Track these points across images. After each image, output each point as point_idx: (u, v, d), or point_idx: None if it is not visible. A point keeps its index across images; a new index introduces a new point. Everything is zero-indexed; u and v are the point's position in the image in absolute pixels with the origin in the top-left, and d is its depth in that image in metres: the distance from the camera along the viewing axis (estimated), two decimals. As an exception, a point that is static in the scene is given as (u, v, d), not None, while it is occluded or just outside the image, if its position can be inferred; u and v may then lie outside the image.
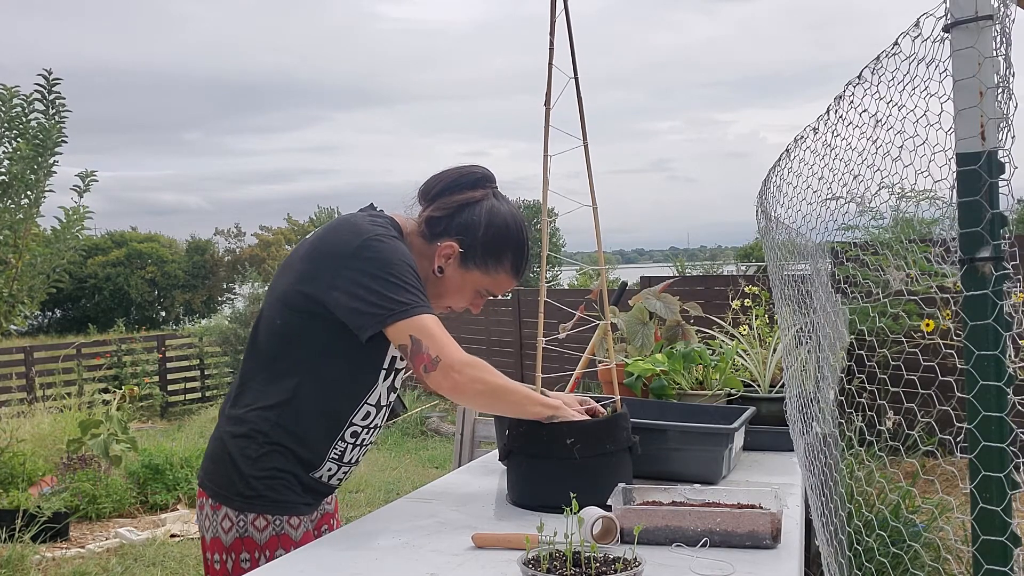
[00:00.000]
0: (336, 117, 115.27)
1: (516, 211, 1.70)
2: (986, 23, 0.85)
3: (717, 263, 20.02)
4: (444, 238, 1.64)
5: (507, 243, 1.65)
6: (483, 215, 1.64)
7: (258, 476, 1.60)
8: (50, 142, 4.87)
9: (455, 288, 1.68)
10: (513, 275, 1.69)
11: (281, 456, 1.59)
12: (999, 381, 0.84)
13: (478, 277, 1.66)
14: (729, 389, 2.32)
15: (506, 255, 1.66)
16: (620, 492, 1.50)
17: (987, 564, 0.85)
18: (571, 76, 1.61)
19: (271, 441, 1.59)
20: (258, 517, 1.59)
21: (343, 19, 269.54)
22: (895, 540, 2.56)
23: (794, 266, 2.00)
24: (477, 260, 1.65)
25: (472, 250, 1.64)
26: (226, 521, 1.61)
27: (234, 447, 1.62)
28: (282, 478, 1.60)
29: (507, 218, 1.66)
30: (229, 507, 1.61)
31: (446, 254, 1.64)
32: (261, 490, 1.59)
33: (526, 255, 1.69)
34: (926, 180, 0.97)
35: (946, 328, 3.24)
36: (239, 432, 1.62)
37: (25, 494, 4.99)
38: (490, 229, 1.64)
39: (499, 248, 1.65)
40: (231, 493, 1.60)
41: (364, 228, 1.56)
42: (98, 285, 24.53)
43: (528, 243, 1.69)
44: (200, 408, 10.52)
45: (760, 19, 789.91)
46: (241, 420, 1.63)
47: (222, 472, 1.63)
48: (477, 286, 1.68)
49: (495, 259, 1.66)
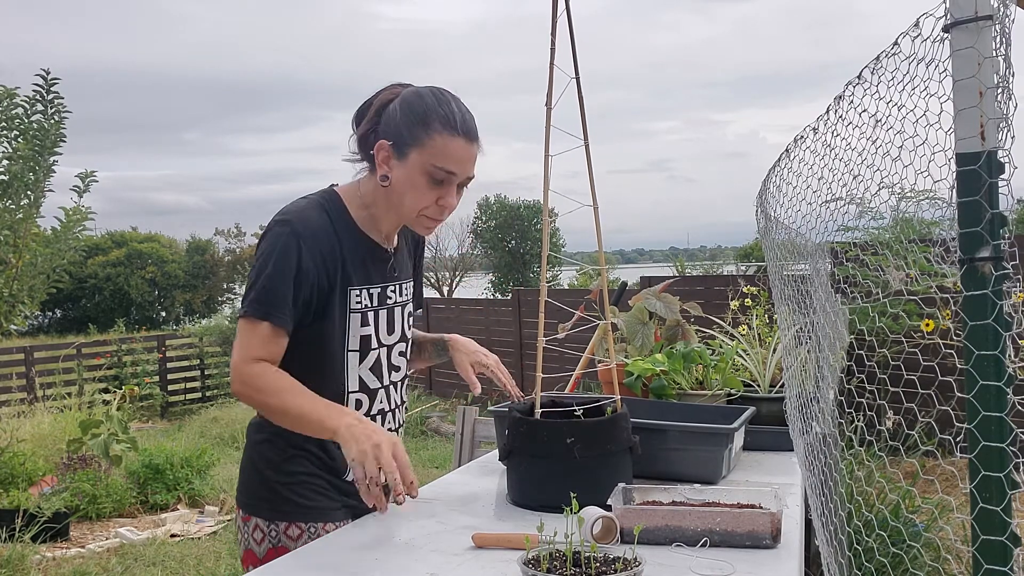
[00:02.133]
0: (335, 117, 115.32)
1: (432, 86, 1.58)
2: (986, 23, 0.85)
3: (717, 263, 20.02)
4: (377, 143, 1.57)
5: (425, 106, 1.52)
6: (397, 103, 1.55)
7: (284, 482, 1.56)
8: (49, 142, 4.87)
9: (407, 185, 1.54)
10: (450, 130, 1.52)
11: (307, 460, 1.56)
12: (999, 381, 0.84)
13: (417, 157, 1.52)
14: (729, 389, 2.32)
15: (430, 117, 1.51)
16: (620, 492, 1.50)
17: (987, 564, 0.85)
18: (572, 76, 1.61)
19: (292, 444, 1.56)
20: (291, 526, 1.55)
21: (341, 19, 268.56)
22: (895, 540, 2.56)
23: (794, 266, 2.00)
24: (407, 140, 1.52)
25: (399, 136, 1.53)
26: (257, 532, 1.58)
27: (256, 453, 1.60)
28: (311, 483, 1.57)
29: (419, 91, 1.56)
30: (259, 517, 1.58)
31: (383, 158, 1.55)
32: (290, 496, 1.56)
33: (454, 108, 1.54)
34: (926, 180, 0.97)
35: (946, 328, 3.24)
36: (260, 438, 1.60)
37: (25, 494, 4.99)
38: (404, 105, 1.54)
39: (420, 115, 1.52)
40: (257, 500, 1.58)
41: (275, 215, 1.56)
42: (98, 285, 24.52)
43: (454, 100, 1.56)
44: (200, 408, 10.52)
45: (758, 19, 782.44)
46: (260, 426, 1.61)
47: (247, 480, 1.61)
48: (425, 167, 1.52)
49: (422, 126, 1.51)
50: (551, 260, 2.02)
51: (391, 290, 1.69)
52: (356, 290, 1.61)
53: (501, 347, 9.39)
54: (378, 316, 1.66)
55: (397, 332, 1.71)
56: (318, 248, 1.53)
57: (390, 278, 1.69)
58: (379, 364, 1.65)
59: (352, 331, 1.60)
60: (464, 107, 1.56)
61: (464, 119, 1.53)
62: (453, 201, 1.57)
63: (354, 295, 1.61)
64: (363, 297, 1.62)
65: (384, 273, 1.67)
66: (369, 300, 1.63)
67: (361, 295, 1.62)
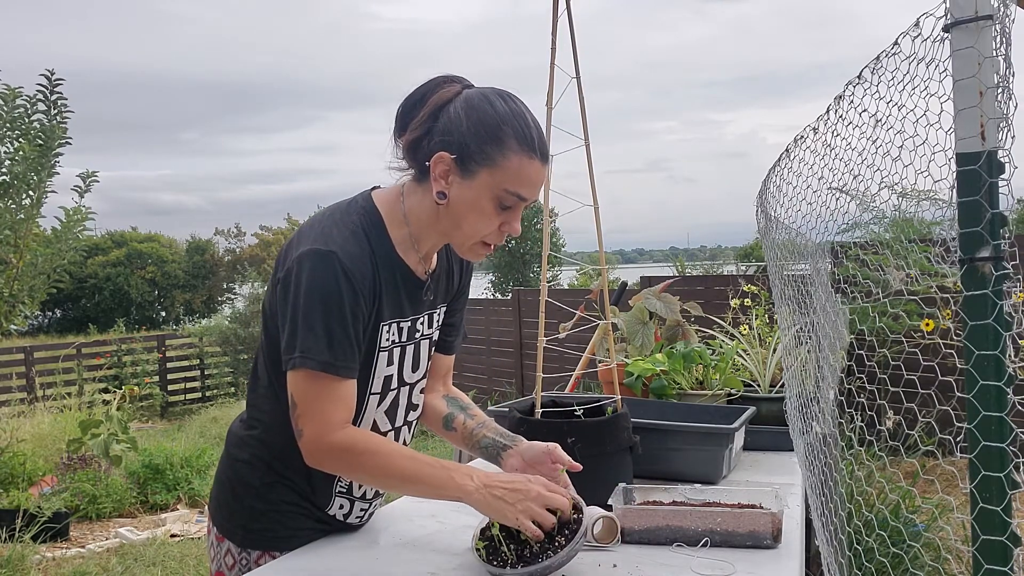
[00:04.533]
0: (332, 117, 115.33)
1: (496, 88, 1.35)
2: (986, 23, 0.85)
3: (717, 263, 20.01)
4: (432, 158, 1.32)
5: (498, 118, 1.30)
6: (460, 107, 1.31)
7: (262, 510, 1.44)
8: (52, 142, 4.87)
9: (470, 207, 1.32)
10: (527, 151, 1.30)
11: (289, 489, 1.42)
12: (999, 381, 0.84)
13: (487, 178, 1.30)
14: (729, 389, 2.32)
15: (505, 132, 1.29)
16: (620, 492, 1.50)
17: (987, 564, 0.85)
18: (573, 76, 1.61)
19: (274, 470, 1.43)
20: (264, 555, 1.44)
21: (336, 19, 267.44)
22: (895, 540, 2.56)
23: (794, 266, 2.00)
24: (476, 156, 1.29)
25: (464, 148, 1.29)
26: (228, 557, 1.46)
27: (235, 473, 1.47)
28: (291, 512, 1.44)
29: (487, 94, 1.32)
30: (231, 541, 1.46)
31: (441, 172, 1.31)
32: (268, 525, 1.44)
33: (530, 123, 1.32)
34: (926, 180, 0.97)
35: (946, 328, 3.24)
36: (241, 457, 1.47)
37: (25, 494, 4.99)
38: (472, 113, 1.30)
39: (492, 129, 1.29)
40: (232, 524, 1.46)
41: (307, 238, 1.32)
42: (98, 285, 24.52)
43: (527, 111, 1.34)
44: (200, 408, 10.52)
45: (755, 19, 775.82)
46: (242, 442, 1.48)
47: (224, 499, 1.48)
48: (494, 191, 1.30)
49: (495, 143, 1.29)
50: (551, 260, 1.99)
51: (420, 322, 1.46)
52: (387, 325, 1.38)
53: (501, 347, 9.38)
54: (404, 352, 1.44)
55: (422, 368, 1.50)
56: (365, 284, 1.31)
57: (423, 308, 1.46)
58: (396, 405, 1.46)
59: (378, 372, 1.40)
60: (534, 117, 1.35)
61: (541, 136, 1.34)
62: (518, 228, 1.37)
63: (384, 332, 1.38)
64: (392, 332, 1.40)
65: (417, 304, 1.44)
66: (398, 335, 1.41)
67: (391, 331, 1.39)
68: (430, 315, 1.48)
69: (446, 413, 1.56)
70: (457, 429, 1.55)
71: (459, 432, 1.55)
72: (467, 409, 1.58)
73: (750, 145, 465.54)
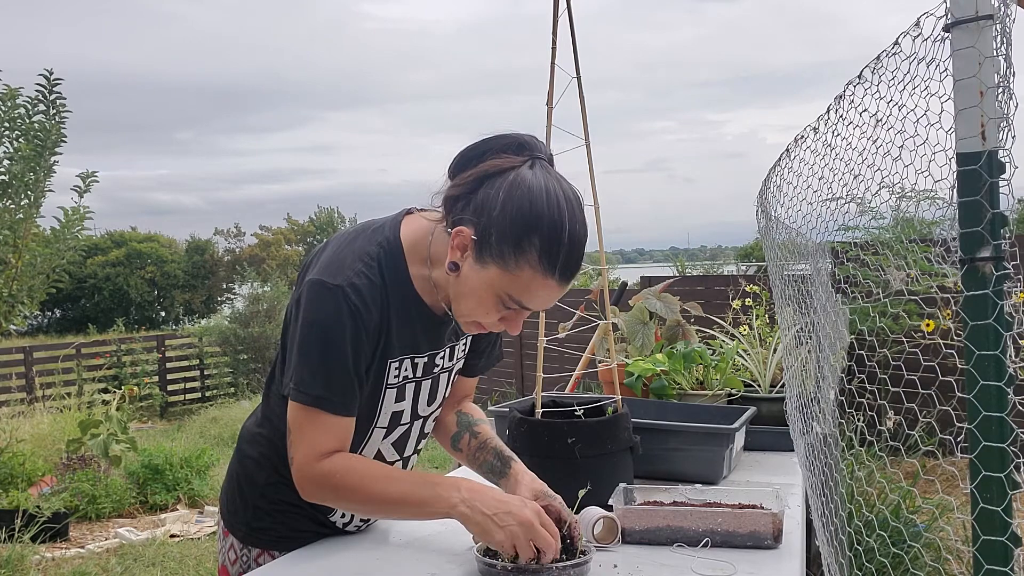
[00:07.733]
0: (328, 117, 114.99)
1: (558, 186, 1.22)
2: (986, 23, 0.85)
3: (717, 263, 19.99)
4: (460, 225, 1.23)
5: (532, 223, 1.18)
6: (503, 188, 1.20)
7: (265, 508, 1.45)
8: (50, 142, 4.87)
9: (472, 292, 1.25)
10: (545, 270, 1.20)
11: (291, 490, 1.36)
12: (999, 381, 0.84)
13: (496, 276, 1.21)
14: (729, 389, 2.32)
15: (531, 240, 1.18)
16: (621, 492, 1.50)
17: (987, 564, 0.85)
18: (573, 76, 1.61)
19: (279, 471, 1.42)
20: (263, 554, 1.46)
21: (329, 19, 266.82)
22: (895, 540, 2.56)
23: (794, 266, 1.99)
24: (492, 250, 1.20)
25: (486, 235, 1.20)
26: (231, 552, 1.49)
27: (243, 469, 1.48)
28: (292, 513, 1.45)
29: (536, 191, 1.19)
30: (235, 536, 1.48)
31: (459, 244, 1.23)
32: (269, 525, 1.45)
33: (565, 239, 1.19)
34: (926, 180, 0.97)
35: (946, 328, 3.24)
36: (252, 454, 1.47)
37: (25, 494, 4.99)
38: (509, 204, 1.18)
39: (520, 231, 1.18)
40: (236, 519, 1.48)
41: (322, 264, 1.30)
42: (98, 285, 24.54)
43: (570, 229, 1.20)
44: (200, 408, 10.52)
45: (753, 18, 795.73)
46: (254, 439, 1.48)
47: (231, 494, 1.50)
48: (498, 291, 1.23)
49: (515, 247, 1.18)
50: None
51: (440, 356, 1.42)
52: (396, 362, 1.34)
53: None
54: (419, 387, 1.41)
55: (438, 400, 1.47)
56: (370, 321, 1.27)
57: (443, 343, 1.41)
58: (405, 437, 1.45)
59: (384, 408, 1.37)
60: (578, 233, 1.22)
61: (569, 256, 1.21)
62: (518, 329, 1.29)
63: (393, 368, 1.34)
64: (404, 368, 1.36)
65: (438, 339, 1.39)
66: (411, 371, 1.37)
67: (401, 367, 1.36)
68: (452, 347, 1.44)
69: (454, 432, 1.55)
70: (463, 450, 1.53)
71: (464, 453, 1.53)
72: (473, 427, 1.54)
73: (749, 145, 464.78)
